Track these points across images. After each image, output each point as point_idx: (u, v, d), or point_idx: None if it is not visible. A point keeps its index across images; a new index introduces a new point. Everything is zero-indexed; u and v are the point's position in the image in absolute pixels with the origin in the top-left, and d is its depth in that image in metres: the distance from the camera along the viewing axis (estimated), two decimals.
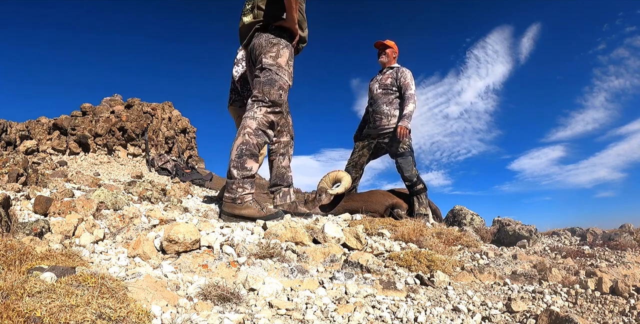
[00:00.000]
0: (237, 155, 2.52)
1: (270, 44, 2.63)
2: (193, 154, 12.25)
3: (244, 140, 2.53)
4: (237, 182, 2.50)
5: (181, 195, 3.89)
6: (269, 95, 2.58)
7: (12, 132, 9.71)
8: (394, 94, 3.79)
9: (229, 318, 1.17)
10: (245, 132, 2.55)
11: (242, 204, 2.47)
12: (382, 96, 3.81)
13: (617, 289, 1.51)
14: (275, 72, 2.60)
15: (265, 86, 2.58)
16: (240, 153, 2.52)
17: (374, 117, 3.82)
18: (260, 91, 2.59)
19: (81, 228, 1.93)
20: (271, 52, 2.62)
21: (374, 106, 3.86)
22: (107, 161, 9.53)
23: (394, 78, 3.79)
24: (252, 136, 2.54)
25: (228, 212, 2.48)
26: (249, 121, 2.57)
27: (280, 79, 2.60)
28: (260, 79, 2.61)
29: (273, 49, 2.62)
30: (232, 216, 2.46)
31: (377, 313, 1.33)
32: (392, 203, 3.51)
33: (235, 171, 2.51)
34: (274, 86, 2.58)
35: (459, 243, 2.52)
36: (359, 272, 1.75)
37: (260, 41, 2.66)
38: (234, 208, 2.47)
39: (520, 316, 1.32)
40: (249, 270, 1.61)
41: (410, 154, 3.62)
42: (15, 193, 2.74)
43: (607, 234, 3.10)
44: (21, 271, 1.15)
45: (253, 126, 2.55)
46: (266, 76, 2.60)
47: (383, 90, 3.82)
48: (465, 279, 1.82)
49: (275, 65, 2.61)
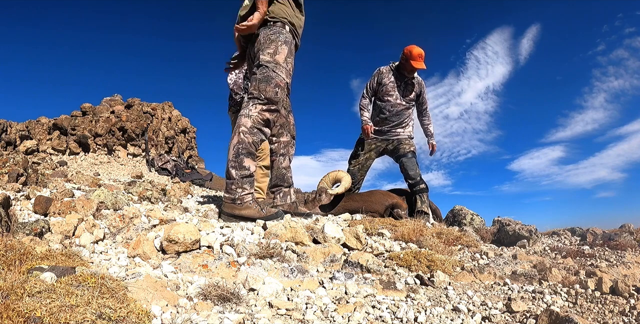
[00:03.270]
0: (234, 155, 2.50)
1: (269, 40, 2.58)
2: (193, 154, 12.25)
3: (240, 139, 2.50)
4: (236, 182, 2.48)
5: (181, 195, 3.89)
6: (264, 92, 2.53)
7: (12, 132, 9.71)
8: (413, 106, 3.93)
9: (229, 318, 1.17)
10: (240, 130, 2.51)
11: (241, 204, 2.46)
12: (403, 108, 3.85)
13: (617, 289, 1.51)
14: (272, 69, 2.55)
15: (261, 83, 2.54)
16: (237, 153, 2.49)
17: (391, 125, 3.85)
18: (256, 88, 2.55)
19: (81, 228, 1.93)
20: (269, 49, 2.57)
21: (391, 115, 3.84)
22: (107, 161, 9.53)
23: (417, 93, 3.87)
24: (247, 134, 2.51)
25: (228, 213, 2.47)
26: (244, 119, 2.54)
27: (276, 76, 2.56)
28: (256, 76, 2.57)
29: (271, 45, 2.57)
30: (232, 217, 2.45)
31: (377, 313, 1.33)
32: (392, 203, 3.51)
33: (233, 171, 2.49)
34: (270, 83, 2.54)
35: (459, 242, 2.52)
36: (359, 272, 1.75)
37: (259, 38, 2.62)
38: (233, 208, 2.46)
39: (520, 316, 1.32)
40: (249, 270, 1.61)
41: (414, 156, 3.74)
42: (15, 193, 2.74)
43: (607, 234, 3.10)
44: (21, 271, 1.15)
45: (248, 125, 2.52)
46: (262, 73, 2.56)
47: (407, 103, 3.86)
48: (465, 279, 1.82)
49: (272, 62, 2.56)
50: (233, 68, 3.11)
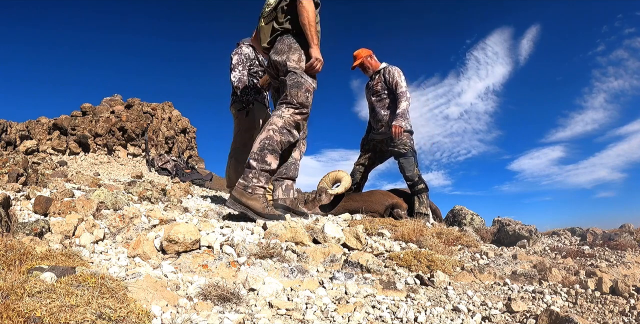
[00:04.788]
0: (259, 148, 2.58)
1: (292, 49, 2.75)
2: (193, 154, 12.25)
3: (268, 135, 2.60)
4: (255, 172, 2.55)
5: (181, 195, 3.89)
6: (296, 97, 2.69)
7: (12, 132, 9.71)
8: (387, 97, 3.83)
9: (229, 318, 1.17)
10: (271, 128, 2.62)
11: (251, 194, 2.51)
12: (377, 103, 3.87)
13: (617, 289, 1.51)
14: (300, 75, 2.71)
15: (293, 88, 2.69)
16: (262, 147, 2.58)
17: (376, 124, 3.88)
18: (289, 93, 2.71)
19: (81, 228, 1.93)
20: (294, 56, 2.74)
21: (372, 114, 3.92)
22: (107, 161, 9.53)
23: (382, 81, 3.84)
24: (276, 132, 2.62)
25: (236, 198, 2.50)
26: (276, 118, 2.67)
27: (305, 82, 2.71)
28: (287, 82, 2.72)
29: (295, 52, 2.74)
30: (238, 203, 2.49)
31: (377, 313, 1.33)
32: (392, 203, 3.51)
33: (254, 162, 2.56)
34: (301, 89, 2.69)
35: (459, 242, 2.52)
36: (359, 272, 1.75)
37: (282, 46, 2.78)
38: (242, 195, 2.50)
39: (520, 316, 1.32)
40: (249, 270, 1.61)
41: (413, 154, 3.67)
42: (15, 193, 2.74)
43: (607, 234, 3.10)
44: (21, 271, 1.15)
45: (279, 124, 2.64)
46: (292, 79, 2.71)
47: (376, 97, 3.87)
48: (465, 279, 1.82)
49: (299, 68, 2.73)
50: None
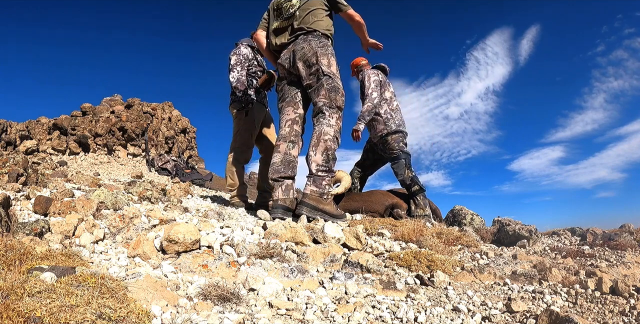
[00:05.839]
0: (324, 159, 2.76)
1: (321, 53, 2.81)
2: (193, 154, 12.26)
3: (327, 146, 2.78)
4: (328, 180, 2.74)
5: (181, 195, 3.89)
6: (335, 101, 2.78)
7: (12, 132, 9.71)
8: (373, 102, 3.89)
9: (229, 318, 1.17)
10: (327, 138, 2.78)
11: (327, 199, 2.70)
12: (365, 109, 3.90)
13: (617, 289, 1.51)
14: (334, 79, 2.80)
15: (331, 92, 2.78)
16: (327, 158, 2.77)
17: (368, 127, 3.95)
18: (328, 97, 2.79)
19: (81, 228, 1.93)
20: (324, 59, 2.81)
21: None
22: (107, 161, 9.54)
23: (361, 87, 3.94)
24: (331, 142, 2.79)
25: (313, 205, 2.65)
26: (327, 128, 2.78)
27: (340, 86, 2.81)
28: (325, 86, 2.79)
29: (324, 57, 2.82)
30: (315, 210, 2.65)
31: (377, 313, 1.33)
32: (392, 203, 3.51)
33: (323, 173, 2.76)
34: (338, 93, 2.80)
35: (459, 242, 2.51)
36: (359, 272, 1.75)
37: (310, 45, 2.82)
38: (319, 202, 2.67)
39: (520, 316, 1.32)
40: (249, 270, 1.61)
41: (404, 157, 3.66)
42: (15, 193, 2.74)
43: (607, 234, 3.10)
44: (21, 271, 1.15)
45: (332, 133, 2.78)
46: (329, 83, 2.79)
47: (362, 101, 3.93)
48: (465, 279, 1.82)
49: (332, 72, 2.81)
50: None
